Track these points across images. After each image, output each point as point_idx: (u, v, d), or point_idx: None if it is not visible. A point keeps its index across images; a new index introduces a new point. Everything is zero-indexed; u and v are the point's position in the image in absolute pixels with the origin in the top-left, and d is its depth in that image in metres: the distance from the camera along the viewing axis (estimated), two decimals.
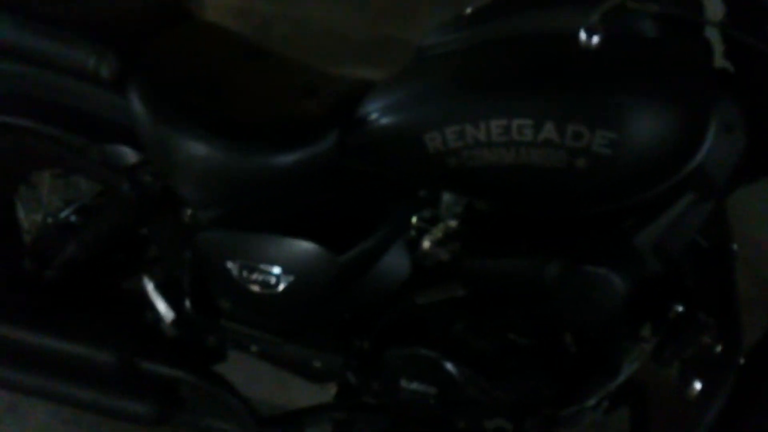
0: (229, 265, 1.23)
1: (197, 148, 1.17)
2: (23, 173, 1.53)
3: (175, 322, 1.34)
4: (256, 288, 1.22)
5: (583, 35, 0.92)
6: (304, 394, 1.43)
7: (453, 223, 1.21)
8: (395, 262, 1.24)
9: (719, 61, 1.05)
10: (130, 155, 1.25)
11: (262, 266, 1.21)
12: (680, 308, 1.13)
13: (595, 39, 0.91)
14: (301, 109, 1.24)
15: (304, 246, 1.18)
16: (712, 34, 1.05)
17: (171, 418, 1.39)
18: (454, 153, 1.07)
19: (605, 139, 0.97)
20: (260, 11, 2.61)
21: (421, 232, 1.23)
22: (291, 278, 1.20)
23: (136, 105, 1.21)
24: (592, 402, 1.24)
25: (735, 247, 1.21)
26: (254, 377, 1.50)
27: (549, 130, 0.99)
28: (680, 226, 1.09)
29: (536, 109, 1.00)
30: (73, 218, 1.51)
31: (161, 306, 1.34)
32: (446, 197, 1.21)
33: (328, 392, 1.39)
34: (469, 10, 1.11)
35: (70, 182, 1.56)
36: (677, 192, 1.05)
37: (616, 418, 1.38)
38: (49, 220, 1.53)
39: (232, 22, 2.64)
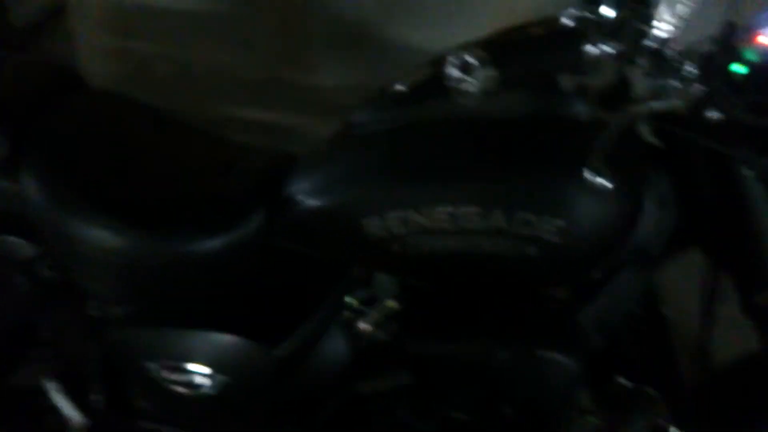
0: (148, 365, 1.11)
1: (103, 238, 1.05)
2: None
3: (85, 427, 1.19)
4: (181, 389, 1.11)
5: (589, 176, 0.91)
6: None
7: (391, 303, 1.15)
8: (332, 347, 1.16)
9: (648, 136, 1.06)
10: (24, 247, 1.10)
11: (188, 366, 1.10)
12: (623, 380, 1.13)
13: (603, 182, 0.91)
14: (218, 186, 1.14)
15: (234, 342, 1.09)
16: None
17: None
18: (397, 239, 1.01)
19: (554, 226, 0.95)
20: (138, 52, 2.43)
21: (357, 314, 1.16)
22: (222, 378, 1.10)
23: (29, 191, 1.06)
24: None
25: (666, 311, 1.23)
26: None
27: (497, 218, 0.96)
28: (620, 300, 1.10)
29: (482, 196, 0.96)
30: None
31: (68, 410, 1.19)
32: (381, 275, 1.16)
33: None
34: (400, 87, 1.05)
35: None
36: (616, 267, 1.06)
37: None
38: None
39: (106, 66, 2.45)
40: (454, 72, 0.84)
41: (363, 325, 1.15)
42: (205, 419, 1.18)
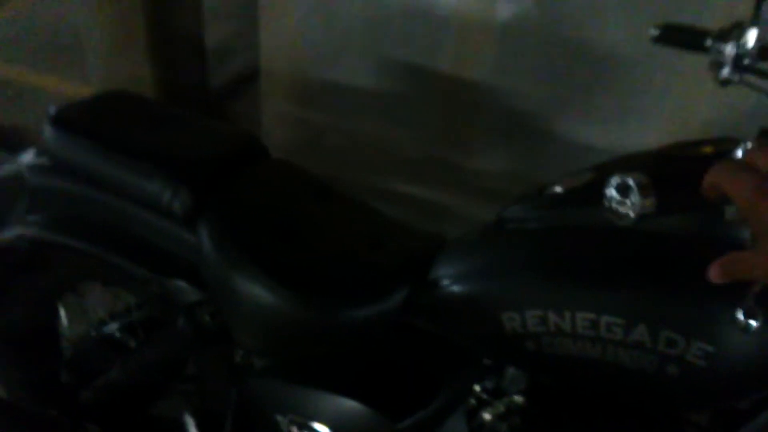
0: (278, 417, 1.18)
1: (260, 296, 1.14)
2: (72, 282, 1.51)
3: None
4: None
5: (741, 316, 0.87)
6: None
7: (517, 398, 1.15)
8: (453, 430, 1.18)
9: None
10: (190, 292, 1.22)
11: (313, 425, 1.15)
12: None
13: (754, 323, 0.87)
14: (368, 262, 1.21)
15: (360, 409, 1.13)
16: None
17: None
18: (533, 337, 1.03)
19: (701, 350, 0.93)
20: (314, 122, 2.63)
21: (482, 403, 1.17)
22: None
23: (204, 243, 1.19)
24: None
25: None
26: None
27: (641, 333, 0.95)
28: None
29: (629, 308, 0.95)
30: (117, 335, 1.48)
31: None
32: (511, 369, 1.16)
33: None
34: (558, 188, 1.08)
35: (118, 295, 1.53)
36: (765, 401, 1.00)
37: None
38: (93, 333, 1.50)
39: (286, 131, 2.66)
40: (612, 192, 0.85)
41: (486, 416, 1.16)
42: None
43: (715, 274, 0.69)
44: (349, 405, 1.14)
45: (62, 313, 1.55)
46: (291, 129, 2.67)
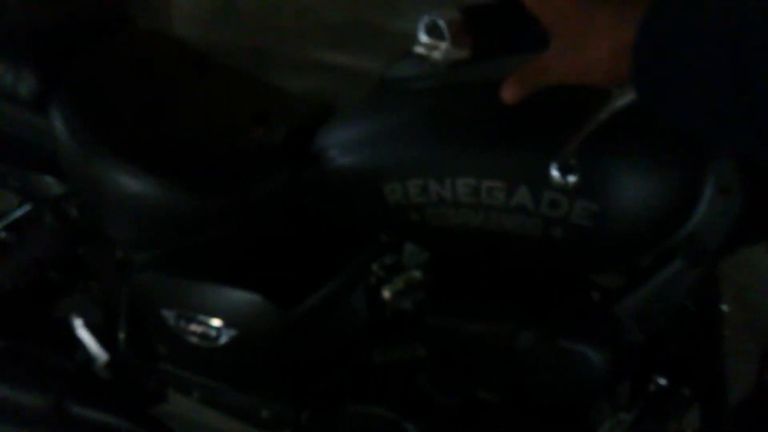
0: (165, 312, 1.10)
1: (127, 184, 1.03)
2: None
3: (109, 364, 1.22)
4: (194, 339, 1.10)
5: (555, 173, 0.78)
6: None
7: (417, 273, 1.09)
8: (352, 312, 1.11)
9: None
10: (53, 186, 1.11)
11: (201, 317, 1.08)
12: (663, 381, 1.02)
13: (571, 179, 0.78)
14: (248, 138, 1.10)
15: (249, 298, 1.05)
16: None
17: None
18: (416, 208, 0.94)
19: (585, 210, 0.85)
20: None
21: (382, 281, 1.10)
22: (234, 332, 1.07)
23: (59, 130, 1.06)
24: None
25: (725, 308, 1.10)
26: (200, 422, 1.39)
27: (523, 196, 0.86)
28: (667, 294, 0.98)
29: (509, 171, 0.87)
30: (2, 234, 1.37)
31: (93, 346, 1.21)
32: (409, 244, 1.09)
33: None
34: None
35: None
36: (664, 258, 0.94)
37: None
38: None
39: None
40: (422, 36, 0.73)
41: (386, 293, 1.09)
42: (216, 370, 1.17)
43: (508, 92, 0.65)
44: (238, 295, 1.06)
45: None
46: None
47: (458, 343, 1.07)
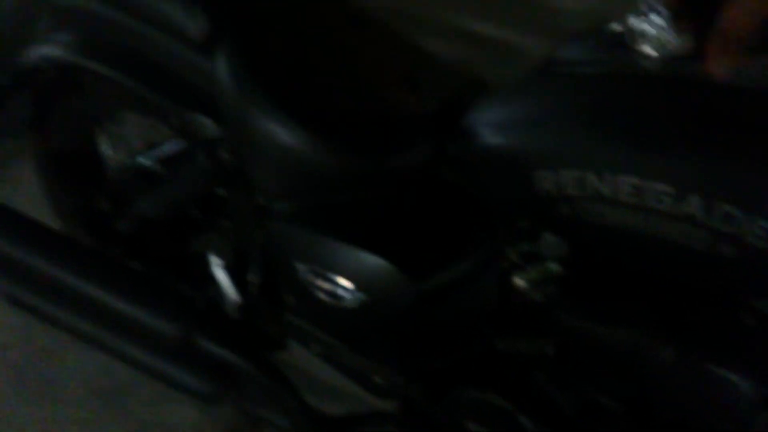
0: (298, 265, 1.11)
1: (277, 136, 1.04)
2: (109, 109, 1.46)
3: (239, 306, 1.25)
4: (322, 295, 1.11)
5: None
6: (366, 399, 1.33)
7: (554, 266, 1.04)
8: (481, 294, 1.09)
9: None
10: (210, 127, 1.13)
11: (331, 276, 1.08)
12: None
13: None
14: (398, 102, 1.08)
15: (380, 265, 1.04)
16: None
17: (223, 400, 1.32)
18: (568, 200, 0.89)
19: (763, 230, 0.77)
20: None
21: (515, 268, 1.07)
22: (360, 295, 1.07)
23: (221, 75, 1.08)
24: None
25: None
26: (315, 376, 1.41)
27: (693, 205, 0.80)
28: None
29: (682, 176, 0.80)
30: (154, 166, 1.43)
31: (226, 287, 1.26)
32: (549, 234, 1.04)
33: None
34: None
35: (155, 126, 1.47)
36: None
37: None
38: (130, 162, 1.46)
39: None
40: (634, 22, 0.64)
41: (519, 281, 1.06)
42: (338, 329, 1.18)
43: (714, 65, 0.54)
44: (371, 259, 1.05)
45: (102, 140, 1.51)
46: None
47: (589, 346, 1.02)
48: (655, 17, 0.63)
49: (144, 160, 1.42)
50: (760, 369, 0.89)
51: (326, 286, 1.10)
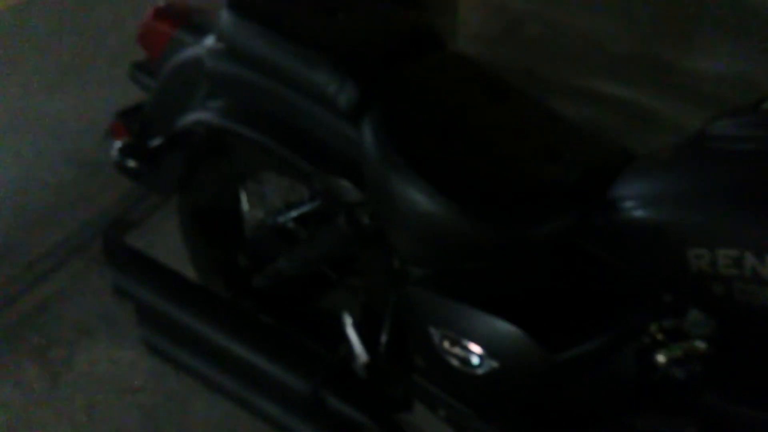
0: (432, 330, 1.13)
1: (418, 202, 1.07)
2: (252, 170, 1.54)
3: (368, 365, 1.27)
4: (454, 361, 1.11)
5: None
6: None
7: (700, 345, 1.00)
8: (620, 369, 1.06)
9: None
10: (352, 192, 1.17)
11: (465, 342, 1.09)
12: None
13: None
14: (541, 172, 1.08)
15: (516, 334, 1.04)
16: None
17: None
18: (724, 280, 0.87)
19: None
20: (513, 9, 2.43)
21: (657, 344, 1.04)
22: (494, 364, 1.07)
23: (366, 141, 1.12)
24: None
25: None
26: None
27: None
28: None
29: None
30: (290, 225, 1.50)
31: (356, 345, 1.28)
32: (696, 311, 1.01)
33: None
34: None
35: (294, 187, 1.54)
36: None
37: None
38: (269, 221, 1.53)
39: (483, 17, 2.49)
40: None
41: (661, 358, 1.03)
42: (468, 395, 1.18)
43: None
44: (506, 327, 1.05)
45: (243, 198, 1.59)
46: (489, 16, 2.50)
47: (735, 427, 0.98)
48: None
49: (282, 219, 1.48)
50: None
51: (459, 352, 1.10)
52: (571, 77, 2.30)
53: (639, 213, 0.95)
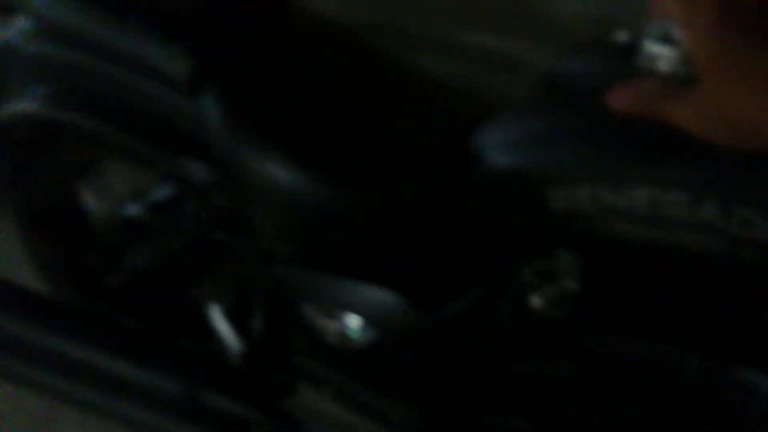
0: (305, 307, 1.07)
1: (275, 174, 1.01)
2: (93, 161, 1.41)
3: (244, 354, 1.21)
4: (332, 336, 1.07)
5: None
6: None
7: (571, 283, 1.01)
8: (497, 318, 1.05)
9: None
10: (202, 172, 1.09)
11: (341, 315, 1.05)
12: None
13: None
14: (401, 130, 1.05)
15: (393, 299, 1.01)
16: None
17: None
18: (584, 217, 0.87)
19: None
20: None
21: (531, 288, 1.04)
22: (373, 332, 1.04)
23: (210, 116, 1.04)
24: None
25: None
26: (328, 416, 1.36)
27: (709, 211, 0.78)
28: None
29: (696, 182, 0.78)
30: (142, 215, 1.39)
31: (228, 335, 1.21)
32: (565, 251, 1.02)
33: None
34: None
35: (141, 174, 1.43)
36: None
37: None
38: (117, 213, 1.41)
39: None
40: (650, 45, 0.61)
41: (536, 301, 1.03)
42: (352, 368, 1.15)
43: (618, 99, 0.58)
44: (382, 294, 1.02)
45: (86, 193, 1.46)
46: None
47: (611, 362, 1.00)
48: (667, 47, 0.61)
49: (131, 210, 1.37)
50: None
51: (336, 325, 1.06)
52: (440, 33, 2.28)
53: (501, 161, 0.94)
